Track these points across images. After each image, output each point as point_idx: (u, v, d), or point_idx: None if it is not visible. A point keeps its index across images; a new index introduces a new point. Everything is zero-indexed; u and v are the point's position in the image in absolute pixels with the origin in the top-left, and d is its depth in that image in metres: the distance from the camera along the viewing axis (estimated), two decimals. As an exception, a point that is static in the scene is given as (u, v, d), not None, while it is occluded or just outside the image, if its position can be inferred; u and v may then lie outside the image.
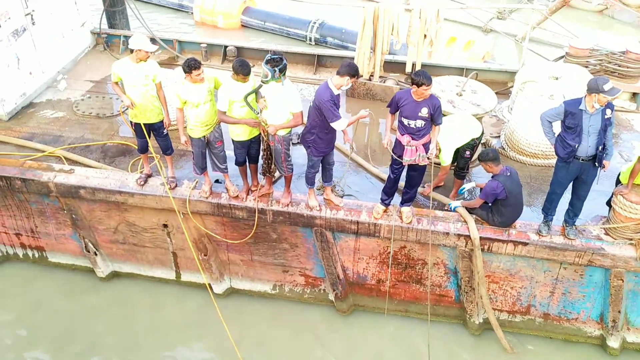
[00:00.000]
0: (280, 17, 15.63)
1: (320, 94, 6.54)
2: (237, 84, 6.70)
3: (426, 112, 6.56)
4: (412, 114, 6.62)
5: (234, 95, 6.69)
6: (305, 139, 6.95)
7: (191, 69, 6.64)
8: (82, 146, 8.80)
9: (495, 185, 6.79)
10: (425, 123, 6.65)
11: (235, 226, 7.97)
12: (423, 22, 9.51)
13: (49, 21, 10.06)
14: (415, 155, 6.79)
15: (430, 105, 6.57)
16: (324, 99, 6.50)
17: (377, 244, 7.74)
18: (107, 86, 10.38)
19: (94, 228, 8.50)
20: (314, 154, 7.02)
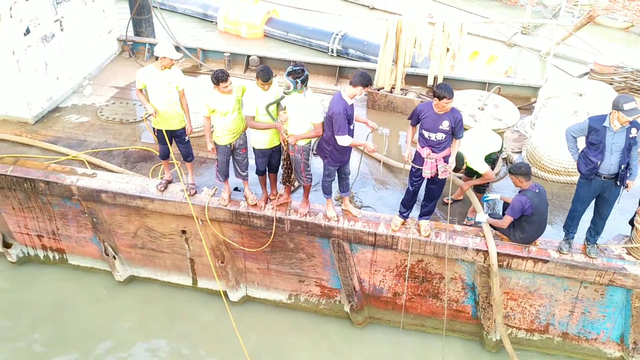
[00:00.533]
0: (303, 29, 15.75)
1: (334, 105, 6.58)
2: (260, 91, 6.77)
3: (447, 125, 6.55)
4: (433, 126, 6.62)
5: (258, 102, 6.77)
6: (322, 149, 6.98)
7: (219, 81, 6.73)
8: (105, 151, 8.94)
9: (523, 200, 6.73)
10: (446, 136, 6.63)
11: (253, 234, 8.00)
12: (446, 35, 9.51)
13: (77, 28, 10.27)
14: (435, 168, 6.77)
15: (451, 118, 6.56)
16: (337, 111, 6.55)
17: (394, 257, 7.70)
18: (131, 93, 10.54)
19: (114, 232, 8.59)
20: (330, 164, 7.05)
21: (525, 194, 6.77)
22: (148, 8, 12.06)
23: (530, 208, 6.74)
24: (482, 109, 8.45)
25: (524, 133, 9.56)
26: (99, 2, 10.76)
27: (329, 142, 6.83)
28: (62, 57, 9.99)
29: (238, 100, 6.94)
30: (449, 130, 6.59)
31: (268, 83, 6.72)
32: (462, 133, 6.69)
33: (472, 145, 7.46)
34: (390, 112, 10.13)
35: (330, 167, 7.09)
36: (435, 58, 9.78)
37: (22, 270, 9.32)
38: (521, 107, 9.63)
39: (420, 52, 9.69)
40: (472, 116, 8.26)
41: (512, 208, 6.84)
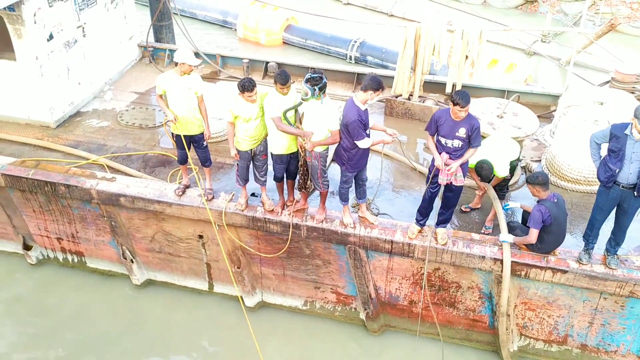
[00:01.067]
0: (322, 36, 15.82)
1: (347, 112, 6.59)
2: (279, 96, 6.81)
3: (464, 132, 6.53)
4: (450, 133, 6.61)
5: (280, 105, 6.81)
6: (339, 156, 7.00)
7: (245, 89, 6.78)
8: (124, 155, 9.04)
9: (543, 210, 6.67)
10: (463, 144, 6.61)
11: (269, 240, 8.02)
12: (465, 43, 9.48)
13: (99, 34, 10.44)
14: (452, 176, 6.74)
15: (468, 125, 6.53)
16: (352, 119, 6.56)
17: (411, 265, 7.67)
18: (150, 98, 10.67)
19: (132, 236, 8.68)
20: (348, 170, 7.06)
21: (544, 203, 6.71)
22: (169, 15, 12.22)
23: (549, 218, 6.67)
24: (501, 117, 8.40)
25: (544, 141, 9.48)
26: (120, 8, 10.93)
27: (346, 148, 6.84)
28: (84, 62, 10.15)
29: (261, 107, 6.98)
30: (466, 138, 6.56)
31: (286, 86, 6.74)
32: (479, 141, 6.64)
33: (497, 153, 7.42)
34: (408, 120, 10.11)
35: (348, 174, 7.10)
36: (454, 65, 9.75)
37: (42, 272, 9.45)
38: (541, 116, 9.56)
39: (438, 59, 9.68)
40: (490, 124, 8.21)
41: (533, 219, 6.77)
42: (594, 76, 12.88)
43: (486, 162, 7.35)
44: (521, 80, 12.71)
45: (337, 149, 7.01)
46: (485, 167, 7.34)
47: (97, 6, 10.21)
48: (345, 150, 6.88)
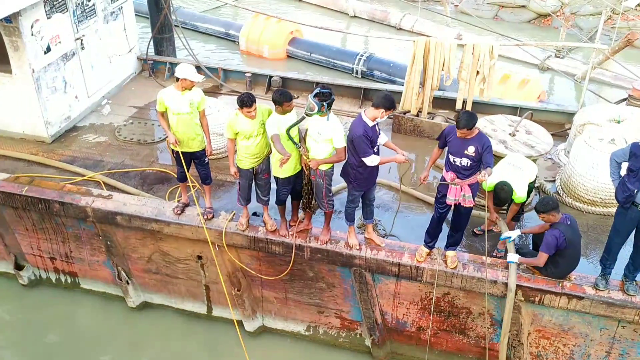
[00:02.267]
0: (327, 49, 15.92)
1: (354, 127, 6.63)
2: (281, 118, 6.83)
3: (473, 150, 6.53)
4: (458, 150, 6.63)
5: (282, 129, 6.82)
6: (346, 174, 7.01)
7: (243, 105, 6.81)
8: (122, 172, 9.08)
9: (557, 234, 6.64)
10: (472, 162, 6.61)
11: (271, 262, 8.01)
12: (476, 58, 9.53)
13: (98, 46, 10.55)
14: (459, 196, 6.74)
15: (478, 144, 6.53)
16: (357, 134, 6.58)
17: (419, 289, 7.63)
18: (150, 112, 10.74)
19: (128, 256, 8.67)
20: (355, 189, 7.06)
21: (558, 227, 6.68)
22: (170, 27, 12.34)
23: (564, 242, 6.64)
24: (513, 135, 8.41)
25: (558, 161, 9.48)
26: (120, 20, 11.06)
27: (354, 166, 6.85)
28: (81, 75, 10.24)
29: (262, 123, 7.01)
30: (475, 157, 6.56)
31: (290, 104, 6.78)
32: (491, 161, 6.60)
33: (515, 174, 7.37)
34: (417, 137, 10.13)
35: (355, 193, 7.10)
36: (464, 81, 9.79)
37: (33, 293, 9.43)
38: (555, 134, 9.56)
39: (448, 74, 9.72)
40: (502, 142, 8.22)
41: (546, 244, 6.74)
42: (610, 93, 12.92)
43: (506, 184, 7.25)
44: (534, 97, 12.74)
45: (345, 167, 7.03)
46: (505, 189, 7.24)
47: (96, 18, 10.34)
48: (352, 168, 6.88)
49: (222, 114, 9.18)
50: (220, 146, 9.28)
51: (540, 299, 7.10)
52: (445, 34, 16.01)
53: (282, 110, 6.82)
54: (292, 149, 6.96)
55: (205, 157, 7.69)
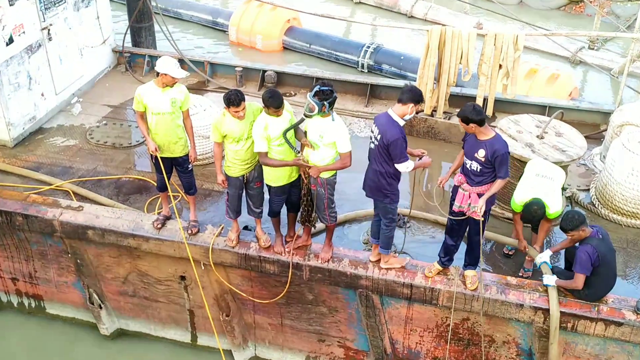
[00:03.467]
0: (329, 40, 15.95)
1: (389, 129, 6.57)
2: (272, 119, 6.83)
3: (482, 154, 6.54)
4: (469, 151, 6.70)
5: (271, 132, 6.82)
6: (379, 189, 6.88)
7: (230, 104, 6.81)
8: (94, 180, 9.07)
9: (590, 251, 6.62)
10: (482, 168, 6.62)
11: (265, 283, 7.99)
12: (498, 49, 9.55)
13: (67, 37, 10.58)
14: (465, 203, 6.75)
15: (488, 148, 6.53)
16: (394, 137, 6.54)
17: (434, 314, 7.61)
18: (126, 112, 10.76)
19: (101, 276, 8.65)
20: (392, 203, 6.98)
21: (589, 242, 6.67)
22: (149, 15, 12.38)
23: (597, 259, 6.63)
24: (541, 138, 8.40)
25: (592, 167, 9.46)
26: (93, 7, 11.09)
27: (387, 175, 6.78)
28: (48, 70, 10.27)
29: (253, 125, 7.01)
30: (484, 162, 6.57)
31: (279, 111, 6.79)
32: (505, 172, 6.58)
33: (544, 184, 7.25)
34: (431, 140, 10.14)
35: (393, 207, 7.03)
36: (485, 76, 9.80)
37: (-7, 320, 9.41)
38: (589, 136, 9.56)
39: (467, 68, 9.74)
40: (529, 146, 8.22)
41: (580, 264, 6.71)
42: (651, 89, 12.92)
43: (538, 202, 7.07)
44: (565, 94, 12.75)
45: (371, 181, 6.89)
46: (538, 210, 7.05)
47: (65, 5, 10.37)
48: (386, 178, 6.79)
49: (208, 114, 9.18)
50: (206, 150, 9.28)
51: (573, 326, 7.07)
52: (463, 23, 16.05)
53: (269, 113, 6.82)
54: (287, 154, 6.96)
55: (189, 163, 7.68)
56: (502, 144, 6.58)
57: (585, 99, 13.86)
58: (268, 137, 6.82)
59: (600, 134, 10.12)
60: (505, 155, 6.55)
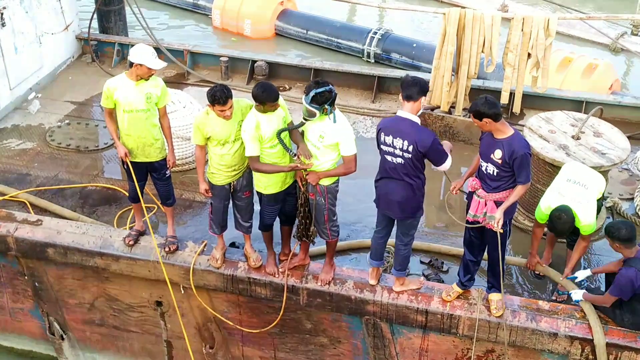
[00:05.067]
0: (329, 25, 15.99)
1: (421, 135, 6.58)
2: (264, 117, 6.85)
3: (499, 156, 6.56)
4: (485, 152, 6.73)
5: (264, 132, 6.84)
6: (413, 204, 6.91)
7: (215, 101, 6.81)
8: (55, 189, 9.06)
9: (633, 275, 6.62)
10: (499, 171, 6.64)
11: (255, 309, 7.99)
12: (527, 35, 9.58)
13: (24, 22, 10.60)
14: (481, 212, 6.78)
15: (506, 148, 6.54)
16: (430, 140, 6.57)
17: (454, 345, 7.60)
18: (92, 110, 10.77)
19: (63, 302, 8.64)
20: (418, 218, 7.09)
21: (635, 265, 6.68)
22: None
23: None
24: (577, 139, 8.43)
25: (637, 172, 9.47)
26: (53, -12, 11.15)
27: (420, 187, 6.85)
28: (1, 61, 10.27)
29: (242, 124, 7.02)
30: (501, 165, 6.59)
31: (275, 105, 6.81)
32: (526, 177, 6.60)
33: (579, 195, 7.21)
34: (449, 140, 10.08)
35: (418, 221, 7.14)
36: (512, 67, 9.83)
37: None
38: (632, 136, 9.58)
39: (490, 58, 9.76)
40: (563, 148, 8.24)
41: (617, 286, 6.73)
42: None
43: (566, 209, 7.04)
44: (605, 87, 12.79)
45: (403, 197, 6.84)
46: (563, 218, 7.01)
47: (21, -15, 10.42)
48: (420, 189, 6.86)
49: (188, 112, 9.20)
50: (186, 154, 9.29)
51: (615, 357, 7.06)
52: (486, 4, 16.10)
53: (263, 109, 6.84)
54: (282, 157, 6.99)
55: (167, 169, 7.69)
56: (522, 144, 6.60)
57: (628, 92, 13.89)
58: (260, 138, 6.83)
59: (646, 134, 10.16)
60: (525, 156, 6.56)
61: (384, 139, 6.72)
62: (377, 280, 7.54)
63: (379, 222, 7.26)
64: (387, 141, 6.70)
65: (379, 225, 7.28)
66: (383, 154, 6.82)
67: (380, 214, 7.20)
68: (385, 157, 6.79)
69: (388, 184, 6.88)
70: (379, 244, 7.36)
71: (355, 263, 8.10)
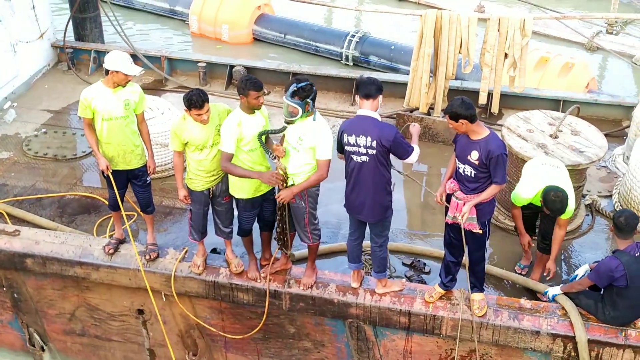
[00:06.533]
0: (307, 29, 16.01)
1: (383, 130, 6.63)
2: (247, 117, 6.82)
3: (476, 157, 6.59)
4: (462, 154, 6.76)
5: (245, 130, 6.82)
6: (384, 204, 6.93)
7: (191, 105, 6.79)
8: (33, 199, 9.00)
9: (614, 265, 6.66)
10: (476, 173, 6.68)
11: (238, 315, 7.97)
12: (503, 36, 9.63)
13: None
14: (459, 213, 6.80)
15: (482, 149, 6.56)
16: (394, 131, 6.67)
17: (437, 345, 7.62)
18: (69, 118, 10.71)
19: (43, 313, 8.58)
20: (392, 213, 7.13)
21: (620, 257, 6.71)
22: (94, 3, 12.36)
23: (623, 278, 6.66)
24: (555, 137, 8.49)
25: (615, 170, 9.55)
26: (27, -5, 11.07)
27: (387, 185, 6.87)
28: (-25, 70, 10.21)
29: (220, 129, 6.99)
30: (479, 166, 6.62)
31: (259, 96, 6.77)
32: (502, 177, 6.63)
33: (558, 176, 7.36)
34: (428, 142, 10.19)
35: (390, 220, 7.15)
36: (489, 67, 9.88)
37: None
38: (609, 134, 9.67)
39: (468, 58, 9.81)
40: (541, 146, 8.29)
41: (596, 272, 6.79)
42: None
43: (556, 188, 7.10)
44: (581, 86, 12.90)
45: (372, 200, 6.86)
46: (560, 196, 7.04)
47: (-6, -8, 10.35)
48: (387, 187, 6.90)
49: (167, 118, 9.18)
50: (165, 161, 9.27)
51: (597, 354, 7.10)
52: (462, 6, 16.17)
53: (247, 104, 6.79)
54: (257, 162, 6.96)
55: (147, 175, 7.66)
56: (498, 144, 6.63)
57: (604, 91, 14.01)
58: (240, 136, 6.81)
59: (622, 131, 10.24)
60: (502, 157, 6.59)
61: (347, 139, 6.74)
62: (360, 282, 7.54)
63: (352, 226, 7.28)
64: (350, 141, 6.72)
65: (352, 228, 7.30)
66: (348, 154, 6.82)
67: (352, 217, 7.22)
68: (351, 157, 6.80)
69: (355, 187, 6.91)
70: (354, 246, 7.37)
71: (337, 266, 8.08)
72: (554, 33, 16.23)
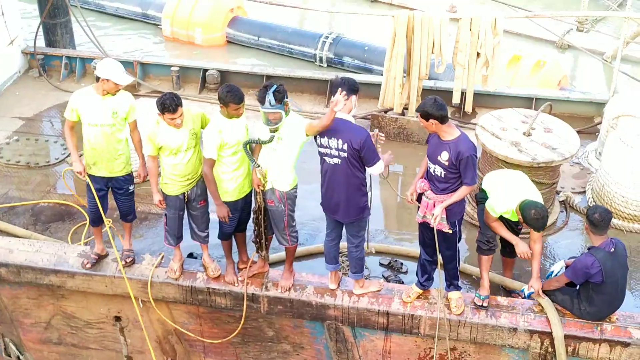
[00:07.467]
0: (280, 31, 16.03)
1: (354, 132, 6.64)
2: (227, 123, 6.83)
3: (446, 157, 6.64)
4: (432, 154, 6.80)
5: (226, 137, 6.82)
6: (359, 204, 6.95)
7: (165, 110, 6.78)
8: (5, 207, 8.92)
9: (590, 262, 6.72)
10: (446, 173, 6.72)
11: (216, 319, 7.95)
12: (475, 35, 9.69)
13: (-34, 38, 10.41)
14: (429, 213, 6.84)
15: (452, 150, 6.61)
16: (365, 134, 6.66)
17: (416, 345, 7.65)
18: (42, 125, 10.62)
19: (18, 322, 8.51)
20: (369, 213, 7.18)
21: (595, 253, 6.77)
22: (65, 9, 12.27)
23: (599, 274, 6.72)
24: (528, 135, 8.54)
25: (587, 166, 9.64)
26: (-5, 1, 10.97)
27: (361, 185, 6.90)
28: (-56, 78, 10.10)
29: (194, 133, 7.00)
30: (449, 166, 6.66)
31: (239, 108, 6.80)
32: (471, 178, 6.64)
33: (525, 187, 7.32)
34: (403, 142, 10.22)
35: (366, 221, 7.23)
36: (462, 66, 9.93)
37: None
38: (581, 131, 9.75)
39: (440, 58, 9.85)
40: (515, 145, 8.34)
41: (573, 269, 6.87)
42: (650, 75, 13.25)
43: (536, 204, 6.91)
44: (553, 84, 13.01)
45: (347, 200, 6.90)
46: (541, 212, 6.82)
47: (-39, 0, 10.23)
48: (362, 187, 6.91)
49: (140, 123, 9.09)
50: (140, 166, 9.20)
51: (574, 349, 7.17)
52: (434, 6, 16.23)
53: (227, 113, 6.82)
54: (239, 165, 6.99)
55: (131, 184, 7.60)
56: (468, 145, 6.66)
57: (576, 88, 14.15)
58: (221, 142, 6.82)
59: (594, 127, 10.32)
60: (471, 158, 6.61)
61: (320, 141, 6.80)
62: (338, 284, 7.55)
63: (328, 226, 7.31)
64: (323, 143, 6.77)
65: (328, 229, 7.32)
66: (322, 156, 6.86)
67: (328, 218, 7.24)
68: (324, 159, 6.84)
69: (329, 189, 6.94)
70: (330, 247, 7.38)
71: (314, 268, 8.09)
72: (526, 32, 16.35)
